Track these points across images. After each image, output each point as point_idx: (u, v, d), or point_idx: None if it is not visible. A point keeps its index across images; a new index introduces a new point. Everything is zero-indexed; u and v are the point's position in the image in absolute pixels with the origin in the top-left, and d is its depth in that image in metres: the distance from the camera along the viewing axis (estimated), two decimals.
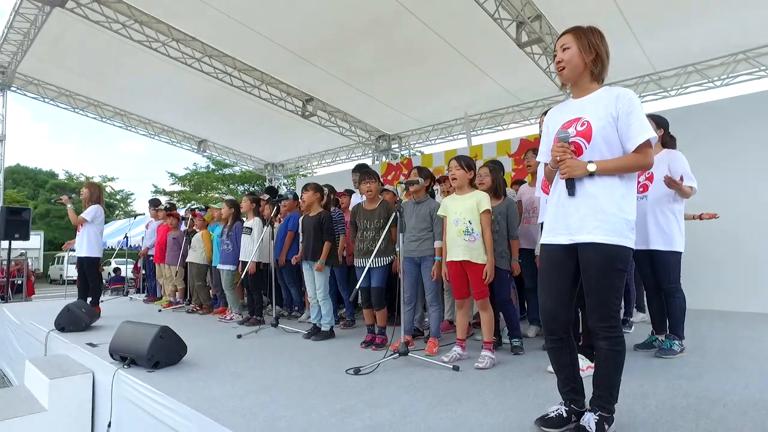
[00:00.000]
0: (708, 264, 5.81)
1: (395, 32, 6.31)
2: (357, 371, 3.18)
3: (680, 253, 3.48)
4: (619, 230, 2.01)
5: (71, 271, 21.78)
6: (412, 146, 10.23)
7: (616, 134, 2.07)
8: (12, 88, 8.85)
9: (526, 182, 4.95)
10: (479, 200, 3.48)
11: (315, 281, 4.45)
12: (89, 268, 6.30)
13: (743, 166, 5.79)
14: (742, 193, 5.75)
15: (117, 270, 15.49)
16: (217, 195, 33.74)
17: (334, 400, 2.64)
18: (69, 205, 6.25)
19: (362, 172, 4.34)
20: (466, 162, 3.63)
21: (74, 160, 74.06)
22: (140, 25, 6.70)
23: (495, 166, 4.07)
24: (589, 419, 2.01)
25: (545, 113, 3.08)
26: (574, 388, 2.16)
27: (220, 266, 5.72)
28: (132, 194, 43.88)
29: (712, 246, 5.75)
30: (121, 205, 41.77)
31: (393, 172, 9.46)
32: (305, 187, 4.58)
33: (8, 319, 7.20)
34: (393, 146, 10.23)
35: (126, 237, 9.06)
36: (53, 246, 32.66)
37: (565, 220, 2.12)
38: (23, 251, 13.74)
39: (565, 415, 2.12)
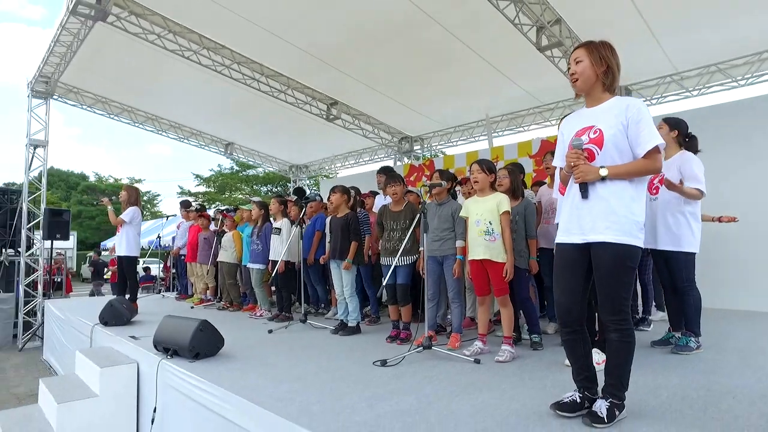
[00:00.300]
0: (735, 264, 5.84)
1: (416, 38, 6.48)
2: (383, 363, 3.39)
3: (693, 253, 3.56)
4: (628, 230, 2.17)
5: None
6: (434, 147, 10.40)
7: (627, 141, 2.22)
8: (54, 97, 9.33)
9: (546, 183, 5.07)
10: (499, 202, 3.65)
11: (342, 279, 4.67)
12: (128, 266, 6.68)
13: None
14: None
15: (147, 269, 16.05)
16: (241, 196, 34.43)
17: (363, 389, 2.85)
18: (110, 207, 6.63)
19: (388, 175, 4.54)
20: (486, 165, 3.80)
21: (104, 163, 76.28)
22: (174, 35, 7.03)
23: (514, 168, 4.21)
24: (601, 405, 2.17)
25: (564, 118, 3.24)
26: (587, 376, 2.32)
27: (250, 265, 5.99)
28: (158, 195, 45.09)
29: (739, 246, 5.77)
30: (148, 206, 43.01)
31: (415, 173, 9.64)
32: (333, 189, 4.81)
33: (53, 314, 7.66)
34: (415, 148, 10.41)
35: (159, 237, 9.44)
36: (85, 246, 33.79)
37: (579, 221, 2.28)
38: (60, 251, 14.39)
39: (578, 400, 2.28)
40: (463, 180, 5.09)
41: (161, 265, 14.21)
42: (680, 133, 3.71)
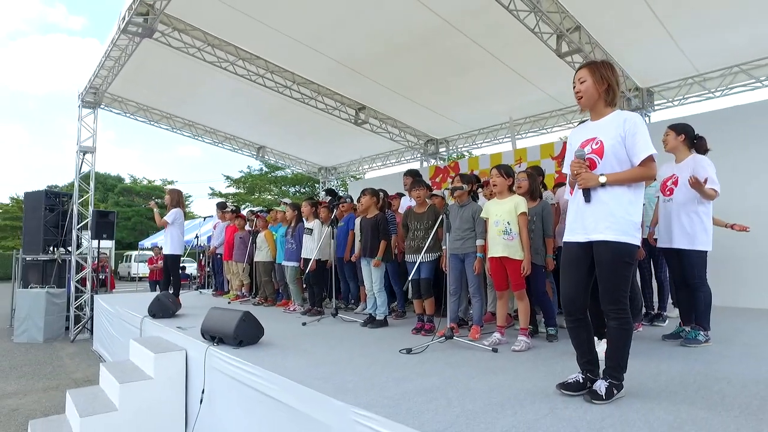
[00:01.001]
0: (754, 262, 5.95)
1: (441, 46, 6.79)
2: (409, 351, 3.72)
3: (705, 251, 3.76)
4: (626, 230, 2.44)
5: (135, 269, 23.67)
6: (458, 149, 10.67)
7: (625, 151, 2.50)
8: (101, 106, 10.00)
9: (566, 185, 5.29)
10: (516, 203, 3.94)
11: (372, 276, 5.02)
12: (172, 264, 7.22)
13: None
14: None
15: (182, 268, 16.82)
16: (269, 196, 35.32)
17: (391, 372, 3.18)
18: (156, 210, 7.17)
19: (414, 180, 4.87)
20: (505, 170, 4.10)
21: (137, 165, 78.97)
22: (212, 48, 7.53)
23: (533, 172, 4.49)
24: (600, 385, 2.45)
25: (573, 129, 3.52)
26: (589, 360, 2.60)
27: (284, 263, 6.41)
28: (190, 196, 46.50)
29: (759, 245, 5.88)
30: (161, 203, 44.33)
31: (441, 175, 9.93)
32: (363, 192, 5.17)
33: (103, 309, 8.28)
34: (441, 149, 10.69)
35: (197, 237, 10.02)
36: (121, 245, 35.18)
37: (582, 222, 2.57)
38: (104, 250, 15.22)
39: (581, 381, 2.57)
40: (485, 183, 5.38)
41: (196, 264, 14.94)
42: (687, 136, 3.91)
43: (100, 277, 13.21)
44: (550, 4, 5.58)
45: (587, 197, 2.55)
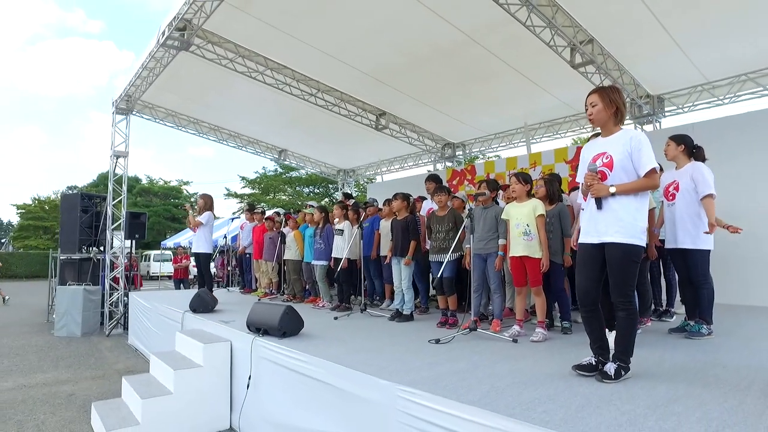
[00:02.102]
0: (761, 262, 6.26)
1: (461, 57, 7.18)
2: (437, 341, 4.13)
3: (708, 250, 4.12)
4: (632, 233, 2.83)
5: (154, 268, 24.37)
6: (474, 153, 11.04)
7: (631, 164, 2.88)
8: (133, 113, 10.55)
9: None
10: (534, 206, 4.34)
11: (401, 273, 5.44)
12: (204, 262, 7.72)
13: None
14: None
15: None
16: (284, 197, 35.94)
17: (423, 357, 3.60)
18: (190, 212, 7.68)
19: (436, 186, 5.29)
20: (523, 178, 4.49)
21: (151, 165, 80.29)
22: (243, 59, 8.01)
23: (551, 178, 4.89)
24: (610, 367, 2.84)
25: (585, 143, 3.91)
26: (601, 345, 2.99)
27: (314, 262, 6.84)
28: None
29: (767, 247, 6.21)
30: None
31: (457, 177, 10.32)
32: (395, 196, 5.61)
33: (139, 305, 8.79)
34: (457, 153, 11.08)
35: (225, 237, 10.51)
36: (138, 245, 35.87)
37: (595, 226, 2.96)
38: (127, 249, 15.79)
39: (594, 363, 2.96)
40: (504, 186, 5.77)
41: (217, 263, 15.46)
42: (686, 146, 4.27)
43: (130, 275, 13.77)
44: (564, 19, 5.94)
45: (599, 205, 2.94)
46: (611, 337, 3.75)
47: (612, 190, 2.86)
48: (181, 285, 14.90)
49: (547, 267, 4.28)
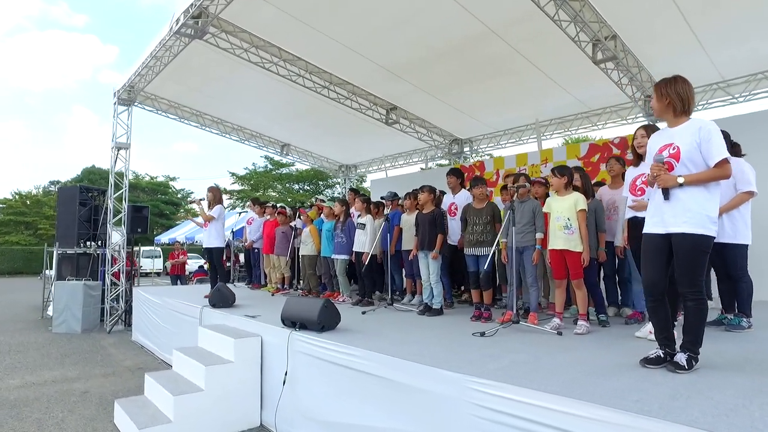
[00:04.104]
0: None
1: (479, 51, 7.15)
2: (482, 334, 4.09)
3: (746, 245, 4.16)
4: (701, 224, 2.81)
5: (144, 264, 23.92)
6: (482, 150, 11.04)
7: (699, 155, 2.87)
8: (135, 104, 10.30)
9: (605, 185, 5.67)
10: (576, 201, 4.32)
11: (429, 267, 5.39)
12: (217, 256, 7.57)
13: None
14: None
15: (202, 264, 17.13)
16: (274, 193, 35.61)
17: (479, 349, 3.55)
18: (201, 206, 7.51)
19: (474, 179, 5.25)
20: (560, 171, 4.48)
21: (134, 161, 78.62)
22: (256, 49, 7.86)
23: (586, 173, 4.88)
24: (681, 357, 2.83)
25: (643, 127, 3.91)
26: (667, 335, 2.98)
27: (334, 256, 6.74)
28: (192, 192, 46.71)
29: None
30: (182, 203, 44.61)
31: (466, 173, 10.28)
32: (422, 189, 5.55)
33: (145, 300, 8.58)
34: (464, 149, 11.06)
35: (233, 232, 10.33)
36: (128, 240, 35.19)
37: (662, 217, 2.94)
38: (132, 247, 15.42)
39: (662, 355, 2.94)
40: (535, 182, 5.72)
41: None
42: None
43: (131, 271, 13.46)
44: (591, 15, 5.94)
45: (666, 195, 2.91)
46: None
47: (680, 180, 2.84)
48: (178, 281, 14.64)
49: (588, 262, 4.28)
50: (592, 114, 8.85)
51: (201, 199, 7.68)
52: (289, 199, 33.17)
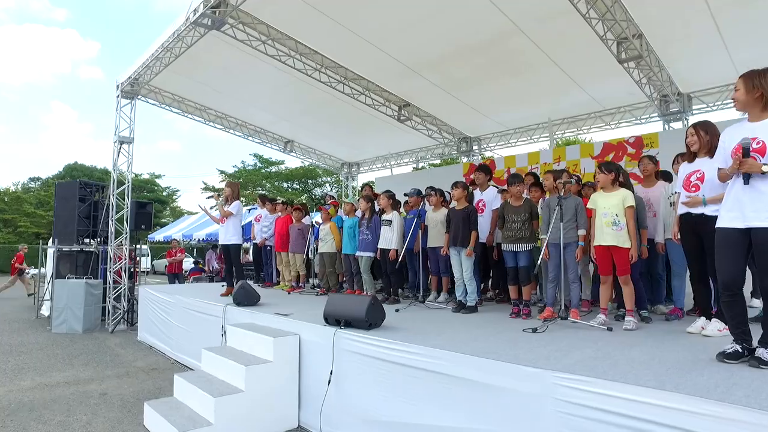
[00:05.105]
0: None
1: (503, 48, 7.12)
2: (534, 330, 4.05)
3: None
4: None
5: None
6: (491, 149, 11.03)
7: None
8: (138, 97, 10.02)
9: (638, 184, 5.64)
10: (624, 197, 4.32)
11: (462, 264, 5.34)
12: (234, 252, 7.40)
13: None
14: None
15: (197, 262, 16.83)
16: (263, 192, 35.19)
17: (543, 345, 3.49)
18: (220, 201, 7.33)
19: (512, 176, 5.22)
20: (606, 167, 4.48)
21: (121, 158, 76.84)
22: (273, 41, 7.71)
23: (625, 171, 4.89)
24: (763, 352, 2.82)
25: (696, 124, 3.88)
26: (744, 330, 2.97)
27: (359, 253, 6.62)
28: (178, 191, 45.99)
29: None
30: (169, 200, 43.85)
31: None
32: (455, 185, 5.48)
33: (154, 299, 8.34)
34: (473, 147, 11.05)
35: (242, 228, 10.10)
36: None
37: (742, 211, 2.93)
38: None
39: (740, 350, 2.93)
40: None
41: (215, 257, 14.95)
42: None
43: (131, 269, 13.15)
44: (621, 13, 5.97)
45: (747, 180, 2.87)
46: (711, 326, 3.80)
47: (765, 168, 2.82)
48: (176, 280, 14.32)
49: (636, 258, 4.29)
50: (605, 113, 8.92)
51: (219, 194, 7.49)
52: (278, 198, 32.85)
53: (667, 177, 5.29)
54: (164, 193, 43.88)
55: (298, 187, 36.32)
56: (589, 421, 2.57)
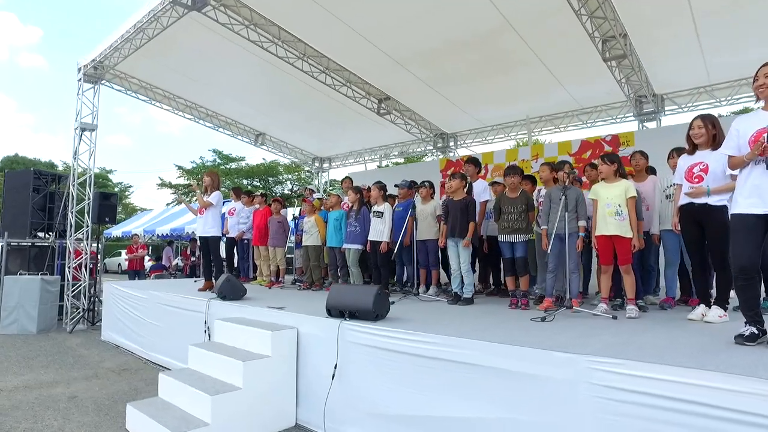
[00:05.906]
0: None
1: (492, 45, 7.13)
2: (543, 319, 4.05)
3: None
4: None
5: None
6: (468, 145, 11.08)
7: None
8: (102, 82, 9.41)
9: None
10: (626, 188, 4.40)
11: (460, 256, 5.29)
12: (213, 245, 7.06)
13: None
14: None
15: (158, 258, 16.05)
16: (223, 189, 34.11)
17: (557, 334, 3.47)
18: (198, 191, 6.97)
19: (509, 168, 5.21)
20: (609, 158, 4.55)
21: (60, 152, 72.73)
22: (255, 26, 7.41)
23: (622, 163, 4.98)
24: None
25: (697, 117, 3.98)
26: (756, 312, 3.04)
27: (347, 245, 6.46)
28: (130, 186, 44.01)
29: None
30: (121, 196, 41.81)
31: (452, 167, 10.29)
32: (452, 176, 5.43)
33: (122, 295, 7.82)
34: (449, 144, 11.08)
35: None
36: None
37: (760, 197, 3.01)
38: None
39: (756, 332, 3.01)
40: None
41: (180, 252, 14.33)
42: None
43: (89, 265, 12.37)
44: (610, 11, 6.11)
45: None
46: (711, 313, 3.90)
47: None
48: (136, 277, 13.61)
49: (638, 247, 4.38)
50: (582, 112, 9.15)
51: (198, 183, 7.11)
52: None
53: (653, 172, 5.46)
54: (116, 189, 41.83)
55: (258, 184, 35.51)
56: (627, 405, 2.55)
